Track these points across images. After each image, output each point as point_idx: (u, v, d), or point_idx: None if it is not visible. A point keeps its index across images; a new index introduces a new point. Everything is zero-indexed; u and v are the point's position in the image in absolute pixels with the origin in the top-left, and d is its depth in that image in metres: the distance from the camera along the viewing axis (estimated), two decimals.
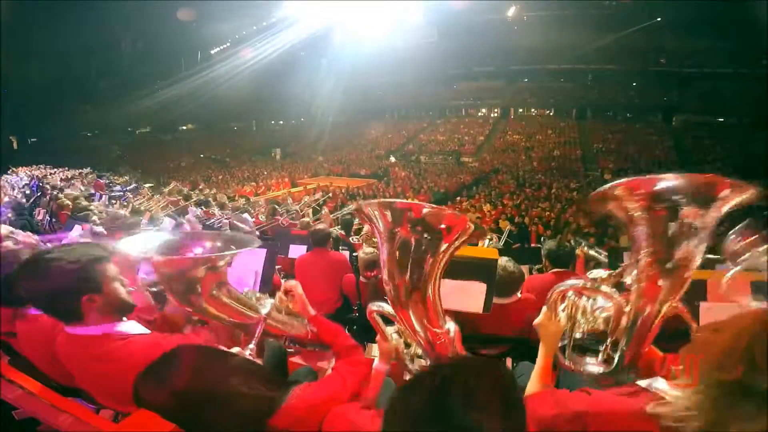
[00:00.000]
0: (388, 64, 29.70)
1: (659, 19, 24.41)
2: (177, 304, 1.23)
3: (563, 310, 1.26)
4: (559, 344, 1.27)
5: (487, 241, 4.72)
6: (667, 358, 1.11)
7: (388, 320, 1.26)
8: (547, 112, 29.88)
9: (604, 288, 1.18)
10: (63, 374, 1.34)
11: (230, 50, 31.31)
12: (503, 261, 2.16)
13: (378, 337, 1.26)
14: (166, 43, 27.60)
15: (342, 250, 4.03)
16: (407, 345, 1.26)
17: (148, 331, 1.32)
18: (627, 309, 1.14)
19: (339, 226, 5.87)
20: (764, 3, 16.21)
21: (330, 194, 13.68)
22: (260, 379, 0.97)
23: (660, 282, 1.05)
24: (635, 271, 1.09)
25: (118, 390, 1.19)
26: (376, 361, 1.24)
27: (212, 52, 32.12)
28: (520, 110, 30.74)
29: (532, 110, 30.46)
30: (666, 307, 1.07)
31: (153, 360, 1.07)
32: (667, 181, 0.98)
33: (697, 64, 24.93)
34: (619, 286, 1.19)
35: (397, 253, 1.01)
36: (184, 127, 36.17)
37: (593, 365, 1.24)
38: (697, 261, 1.02)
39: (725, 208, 0.97)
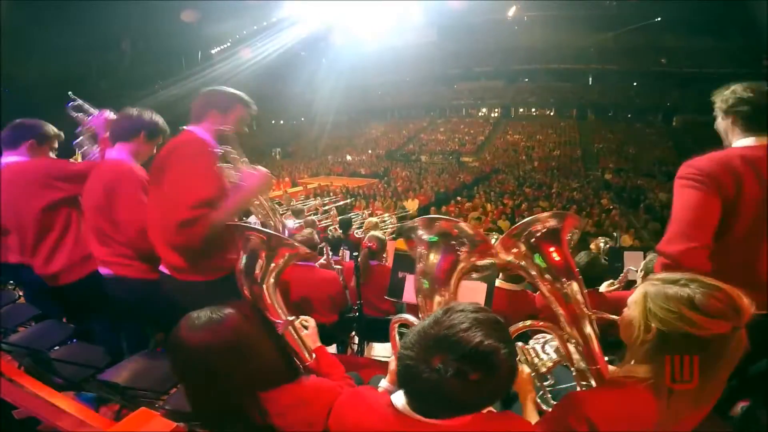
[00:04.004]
0: (388, 64, 29.66)
1: (659, 19, 24.40)
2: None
3: (520, 361, 1.26)
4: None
5: (493, 239, 4.71)
6: None
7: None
8: (547, 112, 29.84)
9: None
10: None
11: (230, 50, 31.23)
12: None
13: (391, 358, 1.30)
14: (166, 43, 27.50)
15: (343, 249, 4.00)
16: None
17: None
18: (567, 336, 1.19)
19: (337, 225, 5.86)
20: (764, 3, 16.18)
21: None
22: (285, 352, 1.17)
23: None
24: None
25: None
26: (383, 381, 1.26)
27: (212, 52, 32.06)
28: (521, 110, 30.70)
29: (533, 110, 30.43)
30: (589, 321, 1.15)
31: None
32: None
33: (697, 64, 24.87)
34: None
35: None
36: (185, 127, 36.09)
37: None
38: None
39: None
